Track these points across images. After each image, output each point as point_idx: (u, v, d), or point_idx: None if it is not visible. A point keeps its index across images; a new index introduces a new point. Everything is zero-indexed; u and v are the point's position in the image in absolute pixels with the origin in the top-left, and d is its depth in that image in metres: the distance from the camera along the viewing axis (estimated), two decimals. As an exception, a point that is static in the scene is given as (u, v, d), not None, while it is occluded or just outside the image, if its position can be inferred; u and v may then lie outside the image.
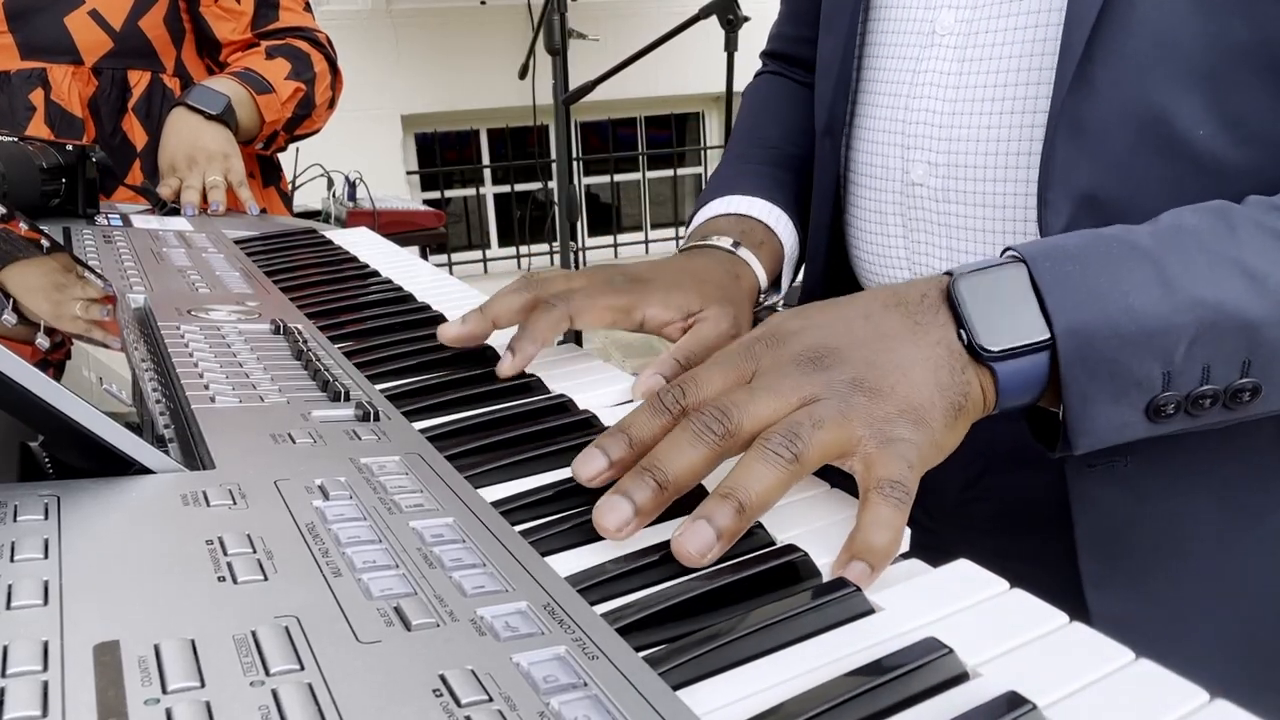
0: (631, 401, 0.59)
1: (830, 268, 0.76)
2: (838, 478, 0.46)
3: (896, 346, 0.46)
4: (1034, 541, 0.66)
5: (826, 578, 0.39)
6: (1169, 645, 0.36)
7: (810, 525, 0.43)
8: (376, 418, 0.52)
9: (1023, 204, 0.60)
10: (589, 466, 0.45)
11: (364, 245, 1.07)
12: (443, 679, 0.30)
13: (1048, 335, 0.46)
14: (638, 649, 0.33)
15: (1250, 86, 0.53)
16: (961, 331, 0.46)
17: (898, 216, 0.68)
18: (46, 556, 0.35)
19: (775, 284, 0.76)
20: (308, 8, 1.52)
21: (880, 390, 0.44)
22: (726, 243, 0.71)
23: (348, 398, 0.54)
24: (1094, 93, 0.54)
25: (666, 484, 0.42)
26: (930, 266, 0.66)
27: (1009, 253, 0.48)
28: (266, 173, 1.57)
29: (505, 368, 0.60)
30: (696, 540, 0.39)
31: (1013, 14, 0.60)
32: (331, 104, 1.51)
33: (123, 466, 0.42)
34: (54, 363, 0.54)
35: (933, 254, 0.66)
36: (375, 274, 0.91)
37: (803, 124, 0.80)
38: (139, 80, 1.39)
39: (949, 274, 0.48)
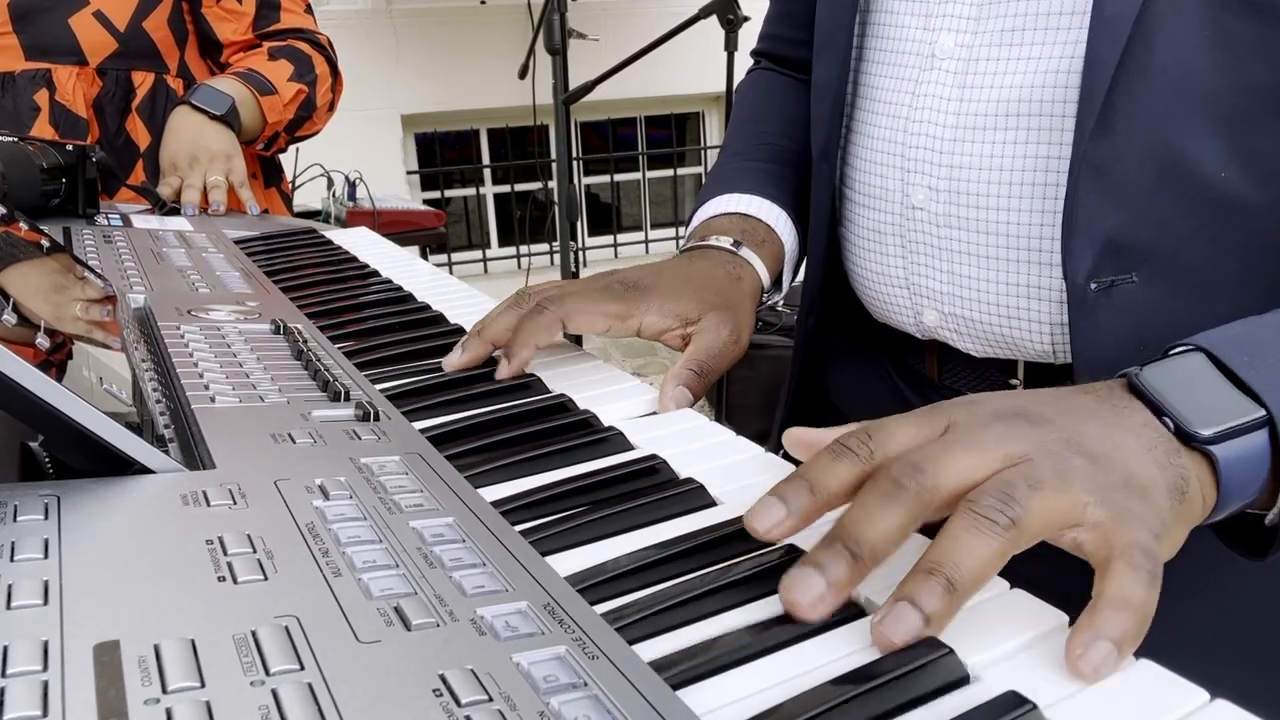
0: (654, 414, 0.59)
1: (828, 283, 0.76)
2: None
3: (1102, 420, 0.41)
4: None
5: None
6: (1197, 664, 0.35)
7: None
8: (376, 418, 0.52)
9: (1027, 233, 0.60)
10: (766, 517, 0.39)
11: (364, 245, 1.07)
12: (443, 679, 0.30)
13: (1262, 413, 0.42)
14: (637, 649, 0.33)
15: (1271, 127, 0.53)
16: (1165, 420, 0.42)
17: (896, 238, 0.67)
18: (46, 556, 0.35)
19: (777, 282, 0.76)
20: (309, 10, 1.52)
21: (1098, 455, 0.39)
22: (727, 242, 0.71)
23: (348, 398, 0.54)
24: (1116, 138, 0.54)
25: (860, 554, 0.36)
26: (928, 288, 0.66)
27: (1178, 347, 0.45)
28: (269, 173, 1.57)
29: (502, 372, 0.61)
30: (900, 628, 0.33)
31: (1015, 44, 0.59)
32: (332, 106, 1.51)
33: (123, 466, 0.42)
34: (55, 363, 0.54)
35: (932, 276, 0.65)
36: (375, 274, 0.91)
37: (799, 118, 0.80)
38: (143, 81, 1.39)
39: (1122, 375, 0.45)
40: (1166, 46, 0.53)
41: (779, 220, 0.75)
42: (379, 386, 0.59)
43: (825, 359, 0.81)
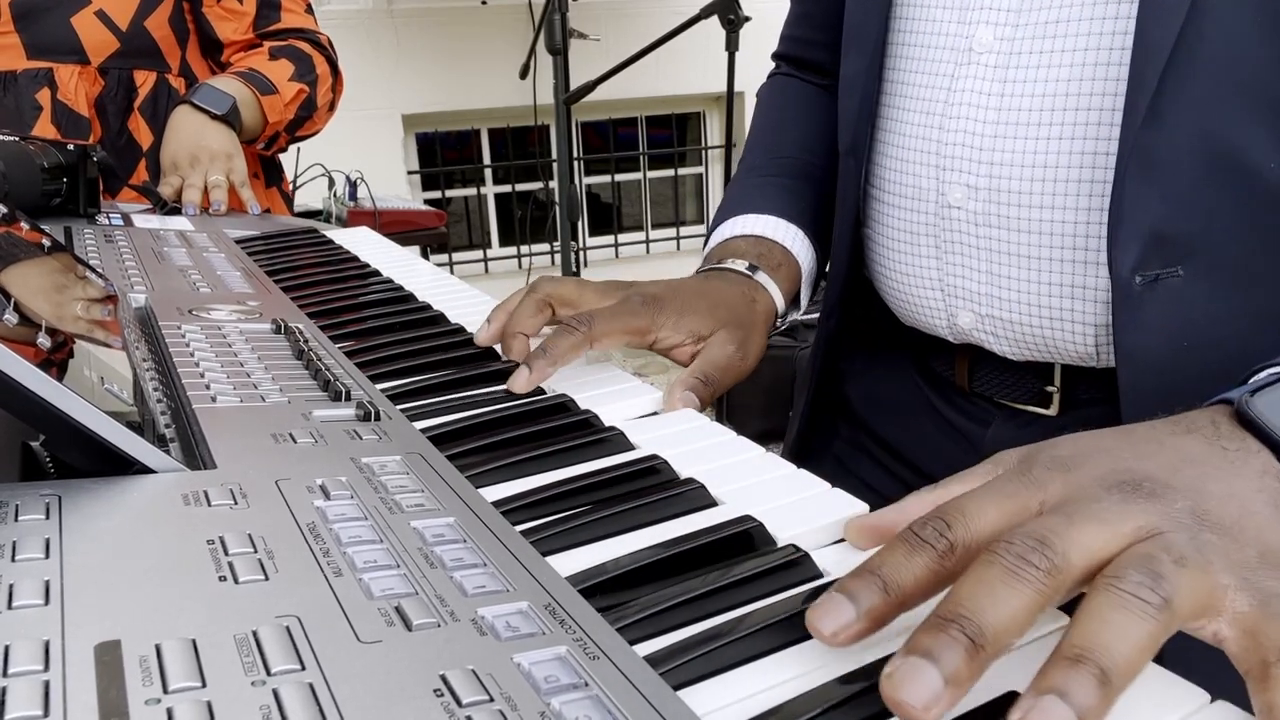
0: (655, 414, 0.59)
1: (850, 285, 0.76)
2: (839, 479, 0.46)
3: (1219, 475, 0.36)
4: None
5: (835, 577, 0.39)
6: (1199, 664, 0.34)
7: (811, 525, 0.43)
8: (377, 417, 0.52)
9: (1071, 231, 0.59)
10: (833, 618, 0.32)
11: (365, 245, 1.07)
12: (444, 679, 0.30)
13: None
14: (638, 649, 0.33)
15: None
16: None
17: (930, 238, 0.66)
18: (48, 556, 0.35)
19: (795, 301, 0.76)
20: (309, 9, 1.52)
21: (1229, 527, 0.34)
22: (743, 266, 0.71)
23: (349, 397, 0.54)
24: (1164, 127, 0.53)
25: (983, 640, 0.29)
26: (964, 289, 0.65)
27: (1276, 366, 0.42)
28: (270, 173, 1.57)
29: (520, 384, 0.58)
30: None
31: (1058, 35, 0.58)
32: (332, 106, 1.51)
33: (124, 466, 0.42)
34: (56, 363, 0.54)
35: (970, 277, 0.64)
36: (376, 274, 0.91)
37: (819, 129, 0.79)
38: (145, 81, 1.39)
39: (1225, 400, 0.40)
40: (1217, 33, 0.52)
41: (795, 241, 0.75)
42: (380, 386, 0.59)
43: (845, 362, 0.80)
